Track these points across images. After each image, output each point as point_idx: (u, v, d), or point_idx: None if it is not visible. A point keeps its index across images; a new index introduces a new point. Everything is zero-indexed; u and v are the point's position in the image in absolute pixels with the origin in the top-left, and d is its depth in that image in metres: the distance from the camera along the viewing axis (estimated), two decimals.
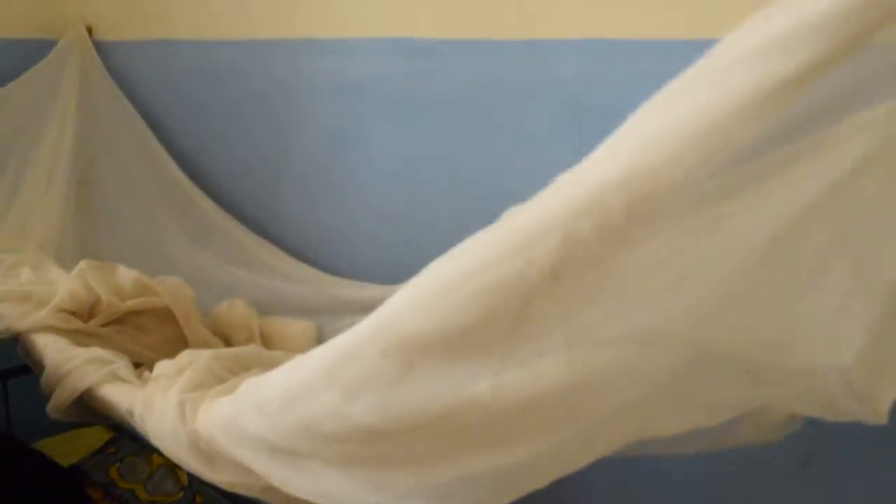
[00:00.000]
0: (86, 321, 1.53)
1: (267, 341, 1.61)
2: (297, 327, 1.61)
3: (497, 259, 0.65)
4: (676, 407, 0.80)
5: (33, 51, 2.11)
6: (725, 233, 0.65)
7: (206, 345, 1.53)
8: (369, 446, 0.84)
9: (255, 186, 1.95)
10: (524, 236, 0.64)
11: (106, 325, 1.54)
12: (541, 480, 0.86)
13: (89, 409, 1.42)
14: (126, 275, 1.58)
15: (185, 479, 1.75)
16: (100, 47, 2.14)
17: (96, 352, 1.40)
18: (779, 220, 0.64)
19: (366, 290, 1.63)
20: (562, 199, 0.63)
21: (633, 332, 0.70)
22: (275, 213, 1.91)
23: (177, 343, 1.54)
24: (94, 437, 1.93)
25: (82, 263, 1.59)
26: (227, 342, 1.61)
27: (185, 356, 1.32)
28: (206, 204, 1.93)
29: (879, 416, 0.76)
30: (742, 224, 0.65)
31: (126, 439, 1.87)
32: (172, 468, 1.76)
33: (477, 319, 0.67)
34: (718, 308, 0.69)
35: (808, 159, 0.63)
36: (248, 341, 1.58)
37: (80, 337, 1.48)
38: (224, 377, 1.27)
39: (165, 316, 1.56)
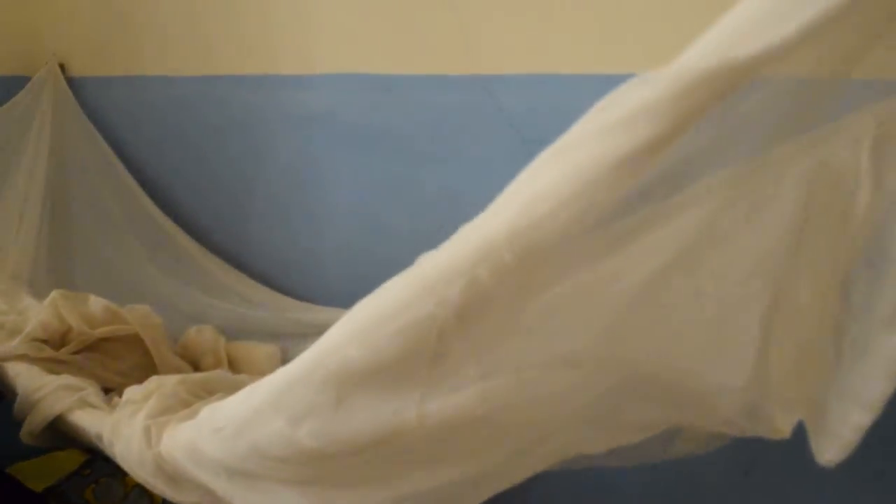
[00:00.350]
0: (57, 349, 1.58)
1: (234, 365, 1.67)
2: (262, 351, 1.67)
3: (412, 301, 0.72)
4: (597, 427, 0.88)
5: (7, 87, 2.17)
6: (613, 277, 0.73)
7: (174, 370, 1.59)
8: (315, 468, 0.91)
9: (221, 215, 2.02)
10: (434, 281, 0.70)
11: (77, 352, 1.59)
12: (479, 496, 0.93)
13: (61, 435, 1.48)
14: (96, 303, 1.63)
15: (159, 500, 1.79)
16: (72, 83, 2.21)
17: (67, 379, 1.45)
18: (657, 265, 0.72)
19: (328, 314, 1.69)
20: (465, 247, 0.69)
21: (543, 365, 0.78)
22: (241, 240, 1.98)
23: (146, 368, 1.60)
24: (69, 460, 1.97)
25: (54, 293, 1.65)
26: (196, 367, 1.66)
27: (152, 382, 1.38)
28: (175, 233, 2.00)
29: (778, 433, 0.84)
30: (627, 269, 0.73)
31: (101, 461, 1.90)
32: (146, 489, 1.80)
33: (398, 355, 0.74)
34: (623, 340, 0.77)
35: (675, 215, 0.72)
36: (215, 365, 1.64)
37: (51, 365, 1.53)
38: (190, 402, 1.33)
39: (135, 342, 1.62)
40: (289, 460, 0.90)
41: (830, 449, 0.73)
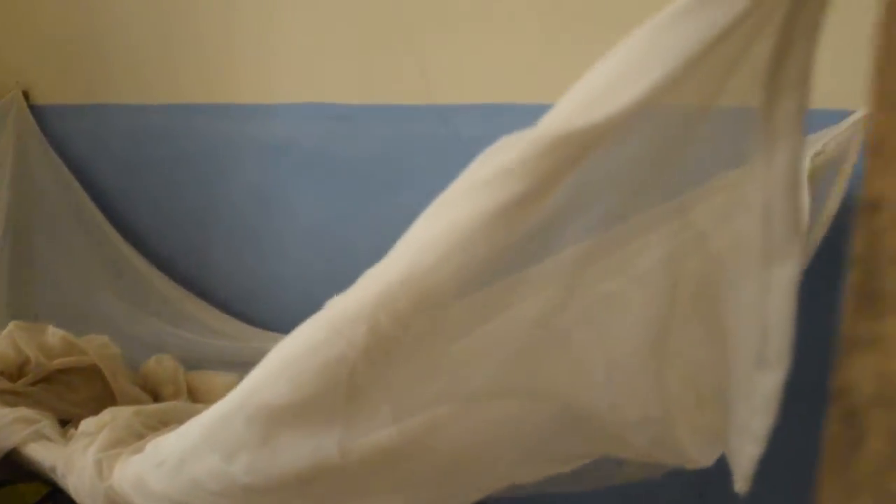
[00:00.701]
0: (14, 381, 1.57)
1: (193, 395, 1.67)
2: (221, 380, 1.67)
3: (324, 342, 0.75)
4: (525, 459, 0.91)
5: None
6: (503, 320, 0.78)
7: (133, 400, 1.58)
8: (251, 502, 0.92)
9: (185, 244, 2.02)
10: (342, 324, 0.74)
11: (34, 383, 1.58)
12: None
13: (18, 467, 1.47)
14: (54, 334, 1.63)
15: None
16: (35, 111, 2.20)
17: (23, 411, 1.44)
18: (533, 324, 0.78)
19: None
20: (365, 293, 0.73)
21: (459, 404, 0.82)
22: (204, 269, 1.99)
23: (104, 400, 1.59)
24: (32, 492, 1.95)
25: (11, 324, 1.64)
26: (156, 397, 1.66)
27: (107, 414, 1.38)
28: (138, 262, 1.99)
29: (694, 463, 0.87)
30: (518, 312, 0.78)
31: (63, 493, 1.89)
32: None
33: (313, 394, 0.77)
34: (532, 379, 0.81)
35: (544, 282, 0.78)
36: (174, 395, 1.63)
37: (7, 397, 1.52)
38: (144, 433, 1.33)
39: (93, 373, 1.61)
40: (225, 494, 0.92)
41: (738, 479, 0.76)
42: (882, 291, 0.24)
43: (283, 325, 1.81)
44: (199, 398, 1.65)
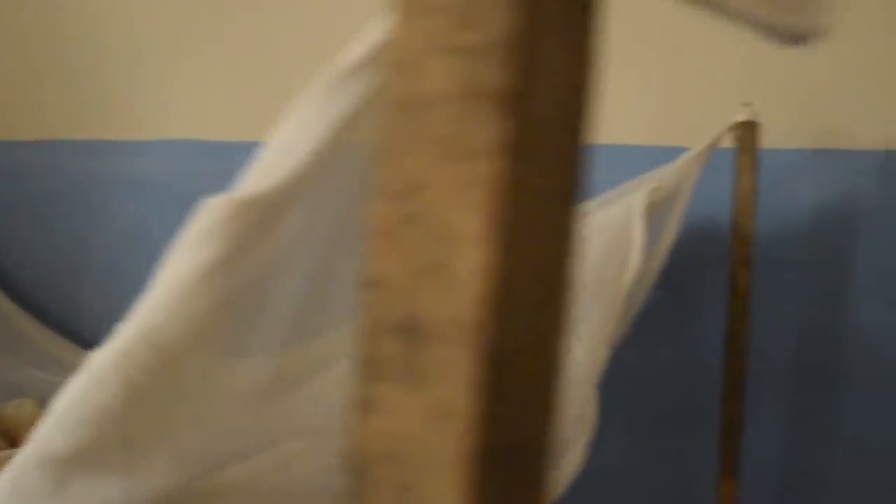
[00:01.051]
0: None
1: None
2: None
3: (88, 392, 0.75)
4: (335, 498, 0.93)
5: None
6: (229, 379, 0.82)
7: None
8: None
9: (55, 283, 1.96)
10: (100, 375, 0.74)
11: None
12: None
13: None
14: None
15: None
16: None
17: None
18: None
19: None
20: (118, 345, 0.74)
21: (234, 448, 0.83)
22: (75, 309, 1.92)
23: None
24: None
25: None
26: (14, 443, 1.59)
27: None
28: (2, 303, 1.91)
29: None
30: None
31: None
32: None
33: (89, 444, 0.77)
34: (302, 417, 0.84)
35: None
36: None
37: None
38: None
39: None
40: None
41: None
42: (380, 358, 0.27)
43: None
44: None
